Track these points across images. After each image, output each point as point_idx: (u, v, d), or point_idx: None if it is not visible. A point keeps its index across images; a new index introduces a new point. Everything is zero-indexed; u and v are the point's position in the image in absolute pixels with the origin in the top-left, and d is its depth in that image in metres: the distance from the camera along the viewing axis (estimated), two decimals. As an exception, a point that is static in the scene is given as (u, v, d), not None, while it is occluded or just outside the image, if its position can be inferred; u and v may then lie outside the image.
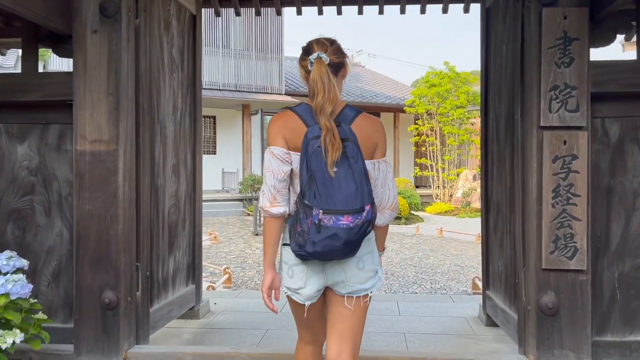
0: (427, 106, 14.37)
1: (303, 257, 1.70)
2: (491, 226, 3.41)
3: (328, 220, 1.61)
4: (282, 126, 1.76)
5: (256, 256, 7.49)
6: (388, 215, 1.85)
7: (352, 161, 1.66)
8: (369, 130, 1.78)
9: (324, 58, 1.73)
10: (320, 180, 1.64)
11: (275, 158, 1.73)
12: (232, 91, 14.05)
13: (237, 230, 10.32)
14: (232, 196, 13.64)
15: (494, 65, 3.35)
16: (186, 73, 3.60)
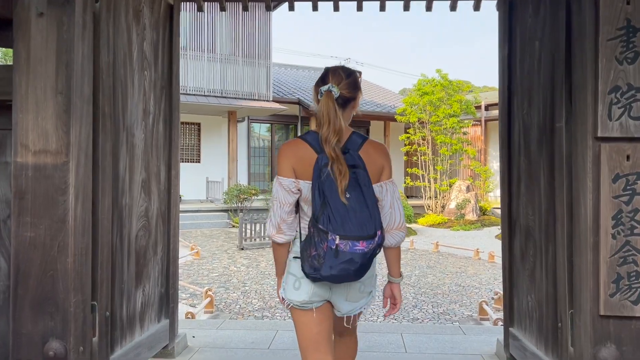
0: (419, 115, 13.97)
1: (316, 280, 1.75)
2: (517, 253, 2.92)
3: (345, 246, 1.66)
4: (291, 155, 1.81)
5: (241, 274, 6.93)
6: (397, 235, 1.85)
7: (364, 188, 1.73)
8: (375, 155, 1.84)
9: (333, 92, 1.80)
10: (334, 205, 1.69)
11: (282, 189, 1.79)
12: (217, 97, 13.50)
13: (222, 244, 9.75)
14: (217, 207, 13.05)
15: (521, 65, 2.88)
16: (160, 71, 3.07)
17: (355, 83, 1.88)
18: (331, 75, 1.83)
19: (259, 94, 14.08)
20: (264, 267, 7.39)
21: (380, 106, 16.92)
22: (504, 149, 3.12)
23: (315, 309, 1.84)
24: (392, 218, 1.83)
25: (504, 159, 3.10)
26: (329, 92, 1.79)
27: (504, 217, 3.10)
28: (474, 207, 12.79)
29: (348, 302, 1.85)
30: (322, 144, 1.76)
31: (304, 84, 18.36)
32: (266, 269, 7.27)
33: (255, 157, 16.30)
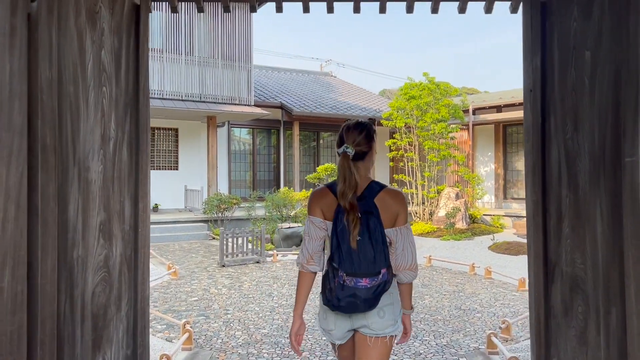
0: (405, 119, 13.54)
1: (332, 309, 2.07)
2: (557, 305, 2.44)
3: (350, 282, 1.99)
4: (319, 201, 2.14)
5: (223, 298, 6.37)
6: (408, 275, 2.11)
7: (373, 233, 2.01)
8: (390, 202, 2.09)
9: (348, 152, 2.07)
10: (344, 247, 2.01)
11: (314, 226, 2.12)
12: (196, 102, 12.88)
13: (201, 260, 9.15)
14: (196, 217, 12.43)
15: (561, 79, 2.41)
16: (124, 85, 2.52)
17: (368, 136, 2.14)
18: (346, 136, 2.12)
19: (240, 98, 13.49)
20: (247, 289, 6.84)
21: (365, 110, 16.47)
22: (536, 176, 2.64)
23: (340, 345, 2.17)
24: (404, 260, 2.08)
25: (537, 189, 2.62)
26: (344, 153, 2.07)
27: (537, 257, 2.62)
28: (464, 215, 12.41)
29: (372, 330, 2.06)
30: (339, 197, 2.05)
31: (286, 87, 17.81)
32: (249, 291, 6.72)
33: (236, 163, 15.69)
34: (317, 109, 15.38)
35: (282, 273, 7.86)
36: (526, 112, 2.79)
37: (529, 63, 2.74)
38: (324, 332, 2.18)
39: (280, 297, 6.39)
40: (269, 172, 16.26)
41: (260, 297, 6.37)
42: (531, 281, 2.69)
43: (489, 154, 16.00)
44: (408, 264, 2.08)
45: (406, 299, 2.17)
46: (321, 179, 12.82)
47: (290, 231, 10.39)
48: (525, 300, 6.26)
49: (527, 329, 5.15)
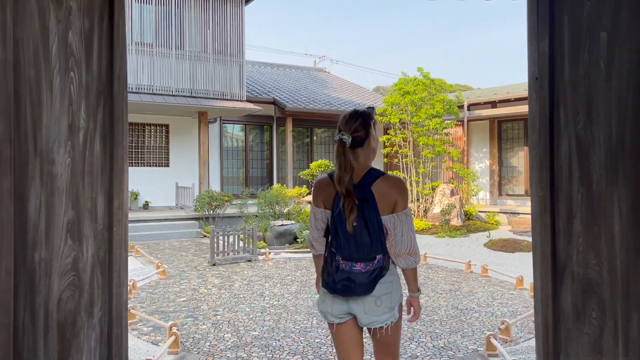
0: (400, 115, 13.35)
1: (329, 291, 2.18)
2: (567, 309, 2.25)
3: (345, 265, 2.10)
4: (320, 190, 2.27)
5: (212, 298, 6.16)
6: (409, 259, 2.20)
7: (368, 219, 2.09)
8: (387, 190, 2.15)
9: (344, 139, 2.14)
10: (342, 233, 2.11)
11: (314, 216, 2.30)
12: (186, 97, 12.63)
13: (191, 258, 8.93)
14: (187, 214, 12.20)
15: (573, 65, 2.22)
16: (96, 71, 2.30)
17: (364, 123, 2.19)
18: (343, 124, 2.19)
19: (232, 94, 13.26)
20: (238, 289, 6.63)
21: (359, 106, 16.24)
22: (543, 171, 2.44)
23: (338, 324, 2.22)
24: (403, 245, 2.13)
25: (544, 185, 2.43)
26: (340, 140, 2.13)
27: (544, 256, 2.43)
28: (459, 211, 12.25)
29: (368, 315, 2.14)
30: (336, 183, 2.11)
31: (279, 82, 17.59)
32: (240, 290, 6.52)
33: (229, 159, 15.46)
34: (310, 104, 15.17)
35: (274, 272, 7.66)
36: (531, 102, 2.60)
37: (535, 49, 2.54)
38: (322, 314, 2.28)
39: (271, 297, 6.19)
40: (262, 169, 16.04)
41: (251, 297, 6.17)
42: (537, 282, 2.50)
43: (484, 150, 15.86)
44: (407, 249, 2.14)
45: (412, 283, 2.28)
46: (314, 176, 12.62)
47: (283, 229, 10.18)
48: (524, 299, 6.09)
49: (526, 329, 4.98)
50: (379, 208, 2.10)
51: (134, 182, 13.67)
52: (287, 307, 5.71)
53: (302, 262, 8.47)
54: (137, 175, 13.75)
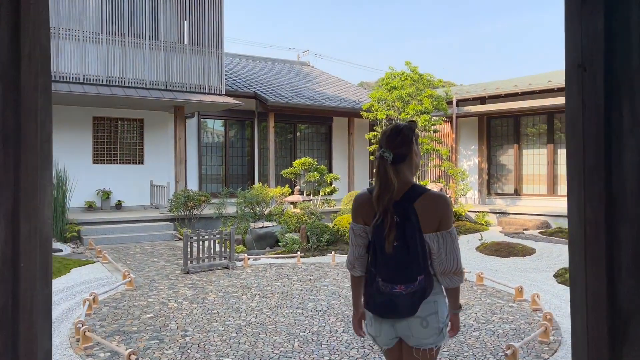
0: (387, 111, 12.79)
1: (370, 311, 2.14)
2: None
3: (385, 287, 2.04)
4: (360, 206, 2.19)
5: (182, 315, 5.52)
6: (453, 279, 2.10)
7: (409, 238, 2.01)
8: (431, 207, 2.05)
9: (386, 156, 2.08)
10: (381, 253, 2.04)
11: (354, 233, 2.19)
12: (161, 90, 11.89)
13: (163, 265, 8.26)
14: (162, 215, 11.49)
15: None
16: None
17: (405, 139, 2.13)
18: (384, 141, 2.14)
19: (210, 87, 12.55)
20: (212, 302, 6.00)
21: (344, 101, 15.67)
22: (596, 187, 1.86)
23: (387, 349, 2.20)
24: (448, 264, 2.07)
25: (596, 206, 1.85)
26: (381, 157, 2.09)
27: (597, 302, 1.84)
28: (448, 212, 11.74)
29: (415, 337, 2.08)
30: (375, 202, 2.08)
31: (261, 76, 16.90)
32: (214, 305, 5.89)
33: (208, 157, 14.76)
34: (293, 99, 14.52)
35: (253, 281, 7.04)
36: (570, 97, 1.99)
37: (578, 28, 1.93)
38: (371, 337, 2.24)
39: (249, 312, 5.57)
40: (243, 167, 15.36)
41: (225, 313, 5.55)
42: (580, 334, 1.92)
43: (472, 147, 15.40)
44: (452, 268, 2.07)
45: (454, 300, 2.21)
46: (298, 174, 12.01)
47: (264, 231, 9.56)
48: (525, 313, 5.56)
49: (533, 352, 4.44)
50: (422, 226, 2.04)
51: (106, 180, 12.92)
52: (265, 326, 5.10)
53: (284, 268, 7.86)
54: (109, 173, 13.00)
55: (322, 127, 16.81)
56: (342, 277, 7.20)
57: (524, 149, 14.54)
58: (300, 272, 7.61)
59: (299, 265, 8.12)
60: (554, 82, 12.82)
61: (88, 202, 12.67)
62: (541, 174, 14.14)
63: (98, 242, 9.98)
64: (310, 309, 5.65)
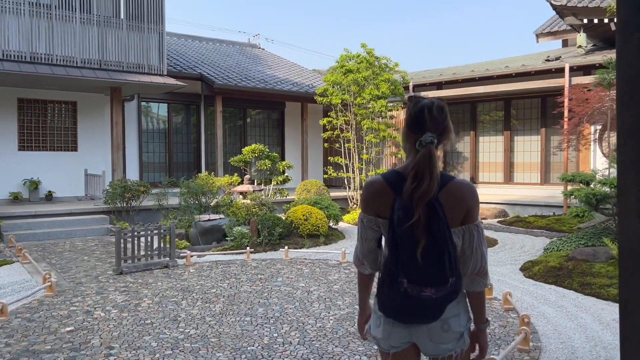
0: (342, 96, 12.14)
1: (388, 317, 1.83)
2: None
3: (412, 290, 1.72)
4: (373, 195, 1.87)
5: (109, 327, 4.68)
6: (477, 281, 1.85)
7: (437, 234, 1.71)
8: (459, 198, 1.79)
9: (433, 140, 1.74)
10: (406, 251, 1.71)
11: (364, 226, 1.89)
12: (94, 69, 10.75)
13: (94, 264, 7.32)
14: (97, 207, 10.43)
15: None
16: None
17: (447, 118, 1.84)
18: (430, 122, 1.78)
19: (150, 67, 11.48)
20: (147, 309, 5.18)
21: (297, 85, 14.90)
22: None
23: (394, 353, 1.89)
24: (473, 263, 1.83)
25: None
26: (432, 144, 1.74)
27: None
28: (406, 202, 11.27)
29: (433, 343, 1.84)
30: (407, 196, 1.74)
31: (207, 57, 15.86)
32: (149, 313, 5.08)
33: (149, 143, 13.68)
34: (242, 82, 13.63)
35: (196, 282, 6.24)
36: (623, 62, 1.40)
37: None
38: (375, 340, 1.94)
39: (188, 322, 4.79)
40: (189, 154, 14.37)
41: (161, 323, 4.76)
42: None
43: (429, 134, 15.01)
44: (477, 267, 1.84)
45: (479, 311, 1.92)
46: (248, 162, 11.19)
47: (210, 224, 8.74)
48: (497, 313, 5.05)
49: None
50: (448, 220, 1.78)
51: (34, 169, 11.68)
52: (207, 339, 4.35)
53: (232, 266, 7.10)
54: (37, 161, 11.77)
55: (273, 113, 16.00)
56: (296, 276, 6.52)
57: (480, 136, 14.29)
58: (250, 270, 6.87)
59: (249, 262, 7.37)
60: (511, 67, 12.55)
61: (13, 193, 11.41)
62: (497, 162, 13.93)
63: (22, 238, 8.87)
64: (260, 316, 4.94)
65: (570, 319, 4.86)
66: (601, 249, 6.37)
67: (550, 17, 16.94)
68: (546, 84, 11.44)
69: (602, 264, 6.06)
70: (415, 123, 1.81)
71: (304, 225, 8.65)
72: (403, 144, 1.91)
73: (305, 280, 6.31)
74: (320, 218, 8.83)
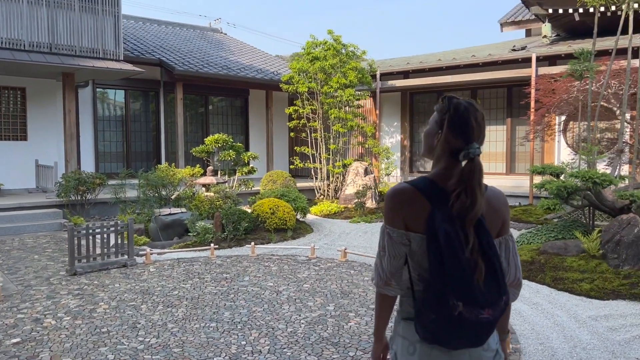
0: (309, 84, 11.81)
1: (433, 344, 1.60)
2: None
3: (469, 314, 1.52)
4: (402, 206, 1.64)
5: (61, 337, 4.29)
6: (513, 293, 1.75)
7: (490, 252, 1.56)
8: (496, 207, 1.68)
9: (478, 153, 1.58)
10: (455, 268, 1.52)
11: (392, 241, 1.66)
12: (44, 53, 10.05)
13: (46, 264, 6.82)
14: (49, 201, 9.81)
15: None
16: None
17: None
18: (476, 128, 1.60)
19: (105, 51, 10.83)
20: (103, 315, 4.79)
21: (261, 72, 14.46)
22: None
23: None
24: (510, 275, 1.72)
25: None
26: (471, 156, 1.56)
27: None
28: (374, 193, 11.10)
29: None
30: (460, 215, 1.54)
31: (167, 42, 15.20)
32: (106, 319, 4.69)
33: (105, 132, 13.02)
34: (204, 68, 13.09)
35: (157, 283, 5.87)
36: None
37: None
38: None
39: (149, 329, 4.44)
40: (148, 144, 13.76)
41: (118, 332, 4.39)
42: None
43: (395, 124, 14.88)
44: (512, 279, 1.72)
45: (505, 321, 1.84)
46: (211, 153, 10.76)
47: (171, 219, 8.31)
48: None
49: None
50: None
51: (-22, 159, 10.91)
52: (169, 349, 4.02)
53: (195, 264, 6.73)
54: (-18, 151, 10.99)
55: (237, 100, 15.51)
56: (263, 274, 6.23)
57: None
58: (215, 268, 6.53)
59: (213, 259, 7.02)
60: (477, 56, 12.48)
61: (-44, 185, 10.63)
62: (463, 152, 13.92)
63: (-36, 235, 8.22)
64: (226, 321, 4.63)
65: (547, 316, 4.76)
66: (572, 242, 6.33)
67: (514, 6, 17.01)
68: (513, 74, 11.41)
69: (574, 258, 6.02)
70: (459, 129, 1.61)
71: (271, 219, 8.35)
72: (428, 145, 1.71)
73: (274, 278, 6.02)
74: (287, 211, 8.54)
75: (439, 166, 1.66)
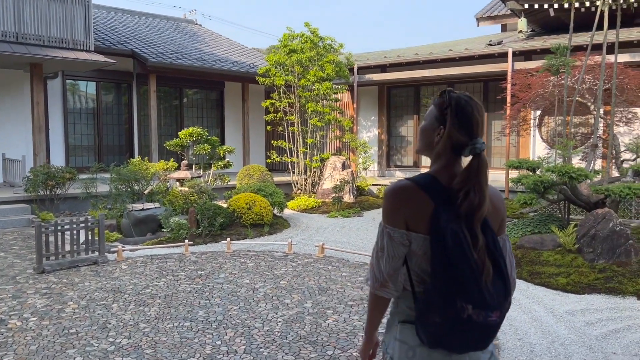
0: (286, 77, 11.65)
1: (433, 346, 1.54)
2: None
3: (477, 316, 1.46)
4: (403, 204, 1.56)
5: (27, 339, 4.10)
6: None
7: (496, 252, 1.52)
8: (496, 206, 1.62)
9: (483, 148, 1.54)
10: (465, 271, 1.45)
11: (392, 241, 1.57)
12: (10, 43, 9.67)
13: (12, 261, 6.56)
14: (16, 196, 9.48)
15: None
16: None
17: None
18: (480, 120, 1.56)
19: (75, 41, 10.48)
20: (72, 316, 4.61)
21: (237, 64, 14.23)
22: None
23: None
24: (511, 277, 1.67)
25: None
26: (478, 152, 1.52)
27: None
28: (351, 187, 11.04)
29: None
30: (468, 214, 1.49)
31: (139, 32, 14.83)
32: (74, 320, 4.51)
33: (76, 125, 12.66)
34: (178, 60, 12.82)
35: (129, 281, 5.69)
36: None
37: None
38: None
39: (120, 329, 4.28)
40: (120, 136, 13.43)
41: (88, 333, 4.22)
42: None
43: (372, 118, 14.85)
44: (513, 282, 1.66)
45: None
46: (185, 147, 10.53)
47: (144, 214, 8.10)
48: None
49: None
50: None
51: (-59, 153, 10.49)
52: (141, 350, 3.88)
53: (169, 261, 6.56)
54: (-55, 144, 10.56)
55: (212, 93, 15.26)
56: (239, 271, 6.10)
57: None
58: (189, 265, 6.38)
59: (188, 256, 6.86)
60: (454, 51, 12.50)
61: None
62: (440, 146, 13.97)
63: None
64: (201, 320, 4.50)
65: (524, 311, 4.76)
66: (548, 237, 6.36)
67: (490, 1, 17.11)
68: (490, 69, 11.46)
69: (550, 252, 6.05)
70: (463, 124, 1.55)
71: (247, 214, 8.21)
72: (426, 142, 1.64)
73: (250, 275, 5.90)
74: (264, 206, 8.41)
75: (440, 163, 1.60)
